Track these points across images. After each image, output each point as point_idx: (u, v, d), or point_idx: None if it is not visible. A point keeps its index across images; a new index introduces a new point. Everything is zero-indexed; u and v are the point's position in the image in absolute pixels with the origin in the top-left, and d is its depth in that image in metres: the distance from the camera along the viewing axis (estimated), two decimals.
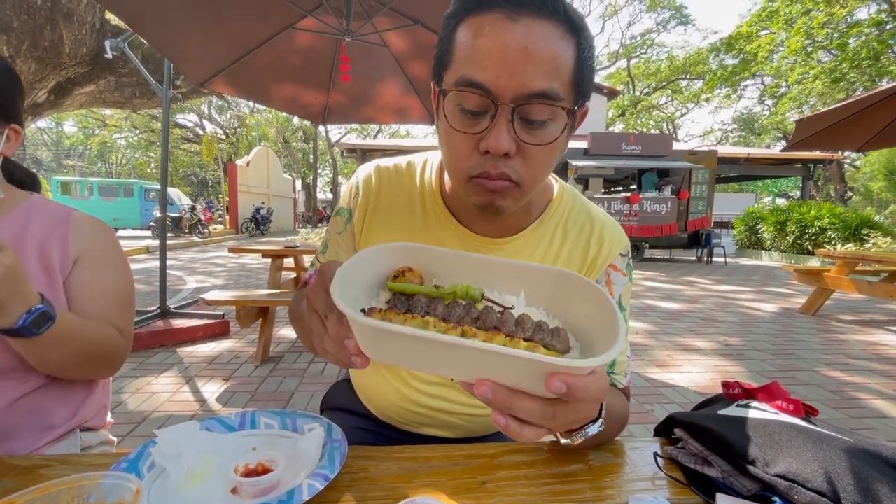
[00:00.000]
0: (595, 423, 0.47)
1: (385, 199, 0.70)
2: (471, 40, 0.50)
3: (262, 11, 2.82)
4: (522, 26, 0.48)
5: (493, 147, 0.49)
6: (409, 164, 0.73)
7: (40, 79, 4.11)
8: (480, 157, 0.52)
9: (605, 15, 29.76)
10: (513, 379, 0.34)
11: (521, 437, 0.36)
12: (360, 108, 3.94)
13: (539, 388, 0.34)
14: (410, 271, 0.44)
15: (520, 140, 0.50)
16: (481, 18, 0.49)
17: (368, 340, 0.38)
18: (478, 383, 0.34)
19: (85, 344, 0.70)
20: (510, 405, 0.34)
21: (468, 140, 0.52)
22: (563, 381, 0.32)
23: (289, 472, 0.51)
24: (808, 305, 5.01)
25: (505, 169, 0.52)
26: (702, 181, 10.60)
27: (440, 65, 0.55)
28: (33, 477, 0.51)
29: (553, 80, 0.49)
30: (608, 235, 0.70)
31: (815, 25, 14.23)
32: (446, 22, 0.54)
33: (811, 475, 0.45)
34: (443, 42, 0.54)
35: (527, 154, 0.52)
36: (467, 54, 0.50)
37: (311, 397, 2.51)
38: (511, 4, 0.48)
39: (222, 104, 26.18)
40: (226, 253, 10.49)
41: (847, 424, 2.31)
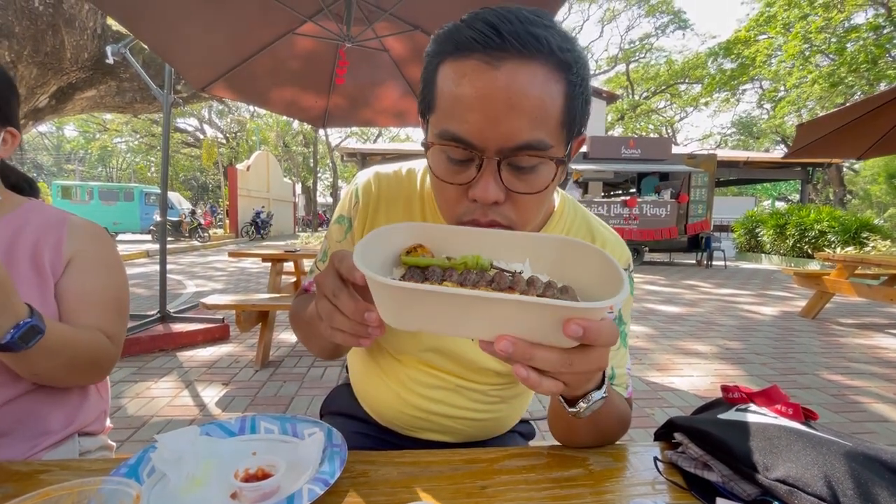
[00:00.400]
0: (599, 389, 0.48)
1: (385, 208, 0.69)
2: (452, 89, 0.48)
3: (262, 17, 2.84)
4: (504, 74, 0.45)
5: (481, 198, 0.49)
6: (409, 171, 0.72)
7: (42, 84, 4.13)
8: (469, 203, 0.51)
9: (603, 19, 29.89)
10: (531, 330, 0.36)
11: (540, 388, 0.38)
12: (360, 111, 3.96)
13: (555, 338, 0.36)
14: (421, 247, 0.46)
15: (508, 189, 0.49)
16: (461, 64, 0.47)
17: (392, 306, 0.38)
18: (498, 338, 0.36)
19: (74, 354, 0.69)
20: (531, 355, 0.36)
21: (456, 188, 0.51)
22: (580, 324, 0.34)
23: (289, 477, 0.51)
24: (808, 309, 5.01)
25: (495, 217, 0.51)
26: (701, 185, 10.63)
27: (424, 103, 0.54)
28: (33, 482, 0.51)
29: (539, 128, 0.47)
30: (609, 250, 0.68)
31: (813, 30, 14.31)
32: (427, 60, 0.53)
33: (811, 479, 0.45)
34: (426, 81, 0.53)
35: (517, 200, 0.51)
36: (449, 105, 0.48)
37: (311, 402, 2.50)
38: (489, 49, 0.45)
39: (223, 109, 26.25)
40: (226, 257, 10.49)
41: (847, 428, 2.31)
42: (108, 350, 0.75)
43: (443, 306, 0.36)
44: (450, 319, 0.37)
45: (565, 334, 0.34)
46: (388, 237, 0.46)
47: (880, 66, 13.06)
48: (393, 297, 0.37)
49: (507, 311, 0.35)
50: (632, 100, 28.80)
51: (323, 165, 32.34)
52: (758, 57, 17.59)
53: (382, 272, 0.43)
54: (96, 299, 0.77)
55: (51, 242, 0.75)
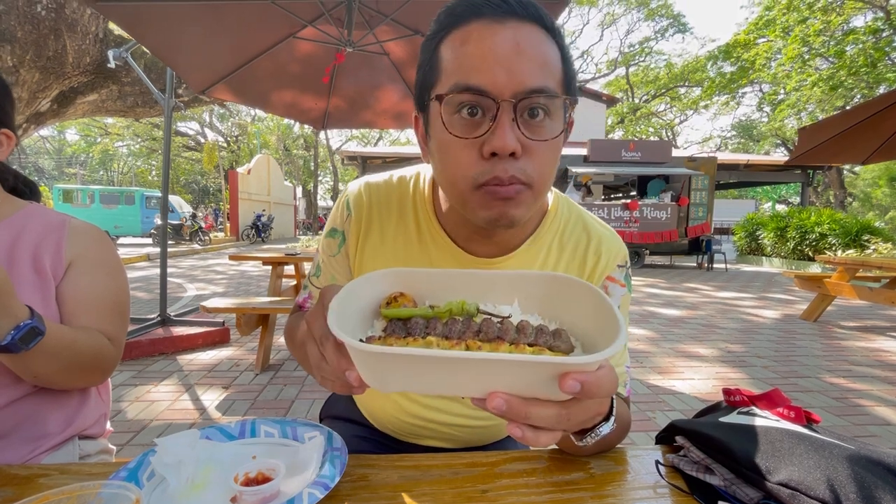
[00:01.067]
0: (607, 421, 0.47)
1: (377, 220, 0.68)
2: (458, 49, 0.49)
3: (263, 21, 2.86)
4: (510, 28, 0.48)
5: (500, 146, 0.47)
6: (399, 179, 0.70)
7: (43, 88, 4.14)
8: (486, 162, 0.49)
9: (603, 23, 30.01)
10: (524, 386, 0.34)
11: (538, 444, 0.36)
12: (360, 113, 3.98)
13: (551, 391, 0.34)
14: (402, 296, 0.44)
15: (525, 137, 0.49)
16: (466, 28, 0.49)
17: (371, 369, 0.36)
18: (490, 396, 0.34)
19: (75, 355, 0.69)
20: (526, 414, 0.34)
21: (470, 147, 0.50)
22: (577, 379, 0.32)
23: (289, 481, 0.51)
24: (809, 312, 5.00)
25: (514, 172, 0.49)
26: (701, 188, 10.63)
27: (425, 87, 0.53)
28: (32, 486, 0.51)
29: (548, 76, 0.49)
30: (605, 248, 0.67)
31: (812, 33, 14.35)
32: (426, 45, 0.53)
33: (814, 483, 0.45)
34: (425, 65, 0.54)
35: (533, 152, 0.50)
36: (457, 64, 0.49)
37: (312, 405, 2.50)
38: (494, 11, 0.48)
39: (224, 112, 26.34)
40: (226, 260, 10.49)
41: (850, 432, 2.29)
42: (108, 352, 0.75)
43: (426, 368, 0.34)
44: (436, 380, 0.35)
45: (562, 391, 0.32)
46: (365, 288, 0.44)
47: (879, 69, 13.09)
48: (372, 361, 0.35)
49: (497, 370, 0.33)
50: (632, 103, 28.86)
51: (323, 169, 32.42)
52: (757, 60, 17.64)
53: (363, 327, 0.42)
54: (97, 302, 0.77)
55: (51, 246, 0.75)
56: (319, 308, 0.43)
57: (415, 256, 0.66)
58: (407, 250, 0.67)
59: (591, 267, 0.67)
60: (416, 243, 0.66)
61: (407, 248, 0.67)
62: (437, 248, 0.65)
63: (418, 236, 0.66)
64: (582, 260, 0.67)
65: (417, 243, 0.66)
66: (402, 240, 0.67)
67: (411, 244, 0.67)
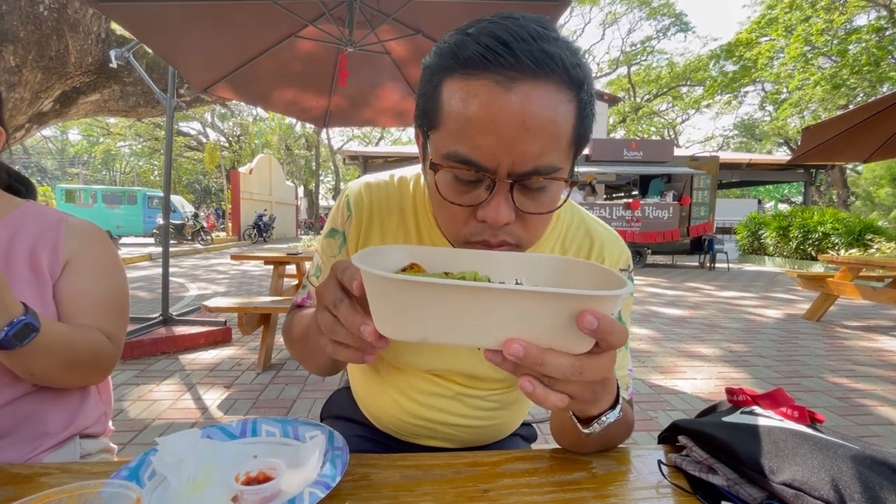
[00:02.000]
0: (613, 409, 0.48)
1: (378, 220, 0.67)
2: (461, 109, 0.46)
3: (265, 21, 2.86)
4: (518, 95, 0.43)
5: (493, 220, 0.47)
6: (400, 179, 0.70)
7: (46, 88, 4.15)
8: (478, 224, 0.50)
9: (605, 22, 29.97)
10: (542, 330, 0.34)
11: (547, 402, 0.37)
12: (361, 111, 3.98)
13: (568, 339, 0.35)
14: (417, 266, 0.45)
15: (519, 210, 0.49)
16: (470, 84, 0.45)
17: (392, 308, 0.36)
18: (508, 342, 0.34)
19: (72, 352, 0.69)
20: (542, 360, 0.34)
21: (464, 209, 0.50)
22: (594, 314, 0.33)
23: (290, 480, 0.51)
24: (812, 311, 4.98)
25: (504, 237, 0.50)
26: (704, 187, 10.61)
27: (426, 119, 0.51)
28: (34, 485, 0.51)
29: (551, 150, 0.46)
30: (608, 253, 0.67)
31: (815, 32, 14.30)
32: (429, 74, 0.50)
33: (818, 483, 0.45)
34: (426, 95, 0.50)
35: (527, 220, 0.50)
36: (458, 126, 0.46)
37: (313, 405, 2.50)
38: (503, 69, 0.43)
39: (225, 112, 26.39)
40: (228, 260, 10.51)
41: (853, 431, 2.29)
42: (107, 350, 0.75)
43: (447, 304, 0.34)
44: (454, 321, 0.35)
45: (579, 326, 0.33)
46: (382, 255, 0.44)
47: (882, 67, 13.04)
48: (392, 294, 0.35)
49: (519, 306, 0.33)
50: (633, 102, 28.82)
51: (325, 168, 32.46)
52: (759, 59, 17.59)
53: None
54: (95, 300, 0.77)
55: (48, 244, 0.75)
56: (331, 277, 0.43)
57: None
58: None
59: None
60: (415, 244, 0.67)
61: None
62: None
63: (418, 239, 0.66)
64: None
65: (417, 244, 0.67)
66: (402, 241, 0.67)
67: (410, 243, 0.67)
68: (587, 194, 10.81)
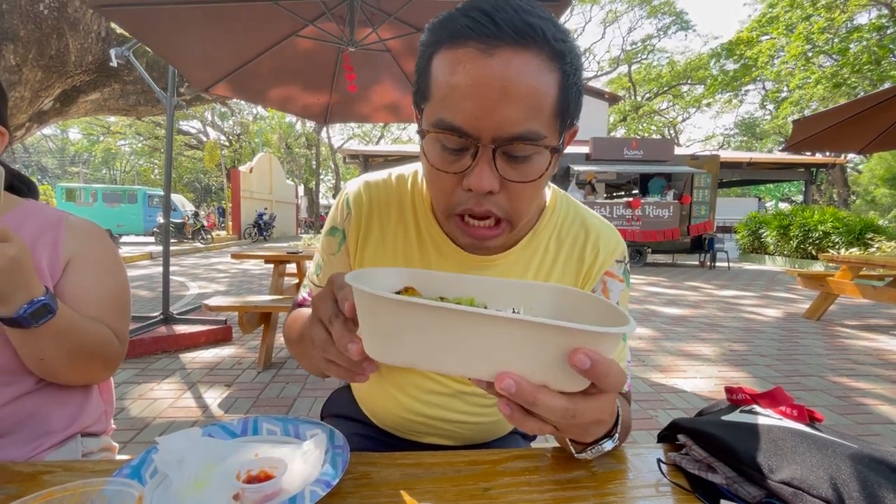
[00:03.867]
0: (610, 437, 0.47)
1: (377, 218, 0.68)
2: (446, 77, 0.47)
3: (264, 20, 2.85)
4: (499, 61, 0.45)
5: (476, 186, 0.48)
6: (399, 177, 0.70)
7: (46, 87, 4.15)
8: (464, 193, 0.51)
9: (605, 21, 29.90)
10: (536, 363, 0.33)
11: (524, 427, 0.36)
12: (362, 107, 3.99)
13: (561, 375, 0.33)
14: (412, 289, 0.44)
15: (503, 178, 0.49)
16: (455, 53, 0.46)
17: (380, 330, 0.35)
18: (500, 376, 0.32)
19: (82, 341, 0.69)
20: (534, 399, 0.33)
21: (451, 177, 0.50)
22: (588, 355, 0.31)
23: (291, 479, 0.51)
24: (812, 310, 4.98)
25: (489, 206, 0.51)
26: (704, 186, 10.60)
27: (419, 94, 0.53)
28: (36, 483, 0.51)
29: (533, 117, 0.47)
30: (604, 243, 0.68)
31: (815, 31, 14.28)
32: (422, 50, 0.52)
33: (816, 482, 0.45)
34: (420, 71, 0.52)
35: (511, 190, 0.50)
36: (443, 94, 0.48)
37: (314, 403, 2.51)
38: (485, 37, 0.45)
39: (225, 111, 26.36)
40: (228, 259, 10.51)
41: (853, 430, 2.29)
42: (114, 345, 0.75)
43: (441, 328, 0.33)
44: (446, 347, 0.33)
45: (571, 363, 0.31)
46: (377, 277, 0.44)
47: (883, 66, 13.02)
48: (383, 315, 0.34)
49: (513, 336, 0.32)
50: (634, 101, 28.78)
51: (325, 167, 32.43)
52: (760, 58, 17.56)
53: None
54: (98, 299, 0.77)
55: (48, 243, 0.74)
56: (328, 290, 0.43)
57: (414, 256, 0.67)
58: (407, 250, 0.67)
59: (590, 262, 0.67)
60: (415, 242, 0.67)
61: (406, 248, 0.67)
62: (436, 247, 0.66)
63: (417, 235, 0.67)
64: (580, 256, 0.67)
65: (417, 242, 0.67)
66: (401, 239, 0.67)
67: (411, 243, 0.67)
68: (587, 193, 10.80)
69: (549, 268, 0.67)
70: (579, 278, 0.68)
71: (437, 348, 0.34)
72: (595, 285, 0.68)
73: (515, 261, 0.66)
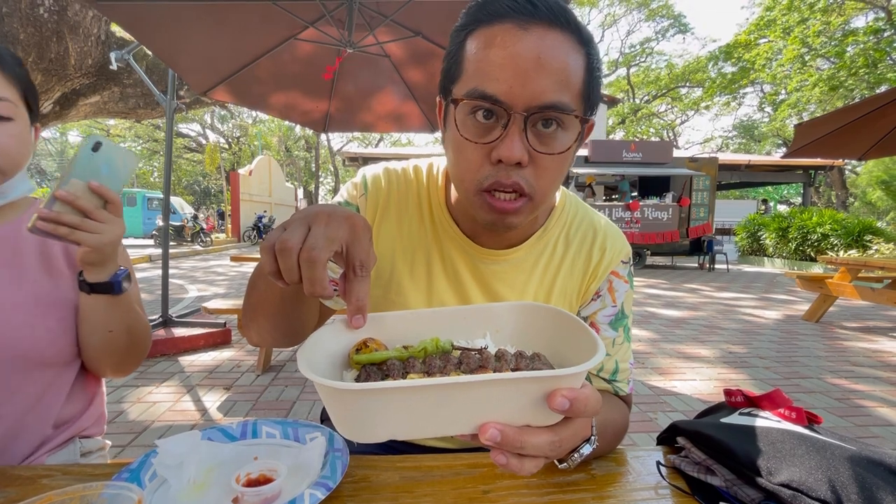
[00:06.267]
0: (588, 441, 0.48)
1: (395, 203, 0.69)
2: (481, 51, 0.49)
3: (264, 22, 2.86)
4: (534, 36, 0.48)
5: (506, 156, 0.49)
6: (416, 168, 0.72)
7: (46, 90, 4.15)
8: (492, 167, 0.51)
9: (604, 24, 30.01)
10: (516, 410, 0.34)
11: (522, 472, 0.36)
12: (361, 115, 3.98)
13: (540, 415, 0.34)
14: (372, 341, 0.43)
15: (532, 149, 0.50)
16: (491, 29, 0.49)
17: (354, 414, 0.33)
18: (482, 428, 0.33)
19: (137, 319, 0.77)
20: (521, 443, 0.34)
21: (479, 150, 0.51)
22: (565, 396, 0.33)
23: (290, 482, 0.51)
24: (811, 312, 4.98)
25: (517, 179, 0.51)
26: (703, 188, 10.62)
27: (449, 78, 0.55)
28: (36, 487, 0.51)
29: (564, 90, 0.49)
30: (610, 244, 0.69)
31: (812, 34, 14.34)
32: (455, 35, 0.54)
33: (815, 484, 0.45)
34: (451, 55, 0.54)
35: (539, 164, 0.51)
36: (478, 66, 0.49)
37: (313, 406, 2.50)
38: (522, 15, 0.48)
39: (225, 114, 26.40)
40: (227, 261, 10.50)
41: (852, 432, 2.29)
42: (150, 333, 0.81)
43: (417, 403, 0.32)
44: (425, 417, 0.33)
45: (551, 407, 0.32)
46: (330, 336, 0.42)
47: (880, 69, 13.07)
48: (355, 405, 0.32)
49: (490, 393, 0.32)
50: (633, 104, 28.86)
51: (324, 170, 32.45)
52: (758, 60, 17.63)
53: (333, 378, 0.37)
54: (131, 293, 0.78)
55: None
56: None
57: (426, 245, 0.68)
58: (421, 239, 0.68)
59: (597, 261, 0.69)
60: (429, 232, 0.68)
61: (421, 237, 0.68)
62: (448, 238, 0.67)
63: (432, 226, 0.68)
64: (588, 255, 0.69)
65: (431, 232, 0.68)
66: (416, 227, 0.68)
67: (424, 233, 0.68)
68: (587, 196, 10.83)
69: (557, 265, 0.68)
70: (586, 277, 0.69)
71: (415, 420, 0.34)
72: (601, 284, 0.69)
73: (524, 257, 0.67)
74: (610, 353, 0.68)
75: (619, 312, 0.69)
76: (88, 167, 0.62)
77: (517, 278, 0.67)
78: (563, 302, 0.68)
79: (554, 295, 0.67)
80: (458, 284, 0.67)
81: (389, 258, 0.67)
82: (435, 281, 0.67)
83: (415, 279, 0.67)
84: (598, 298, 0.69)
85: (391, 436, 0.34)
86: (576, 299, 0.69)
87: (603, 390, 0.68)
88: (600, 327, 0.69)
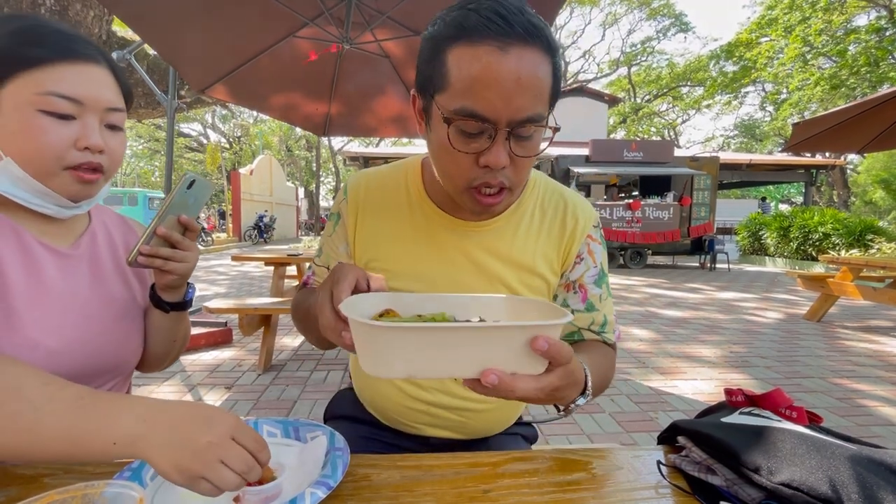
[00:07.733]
0: (583, 394, 0.56)
1: (374, 197, 0.77)
2: (467, 70, 0.55)
3: (263, 19, 2.86)
4: (513, 57, 0.53)
5: (493, 163, 0.58)
6: (392, 166, 0.81)
7: None
8: (479, 170, 0.60)
9: (605, 23, 29.96)
10: (511, 356, 0.42)
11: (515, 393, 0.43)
12: (362, 119, 3.97)
13: (527, 360, 0.43)
14: (391, 311, 0.51)
15: (513, 154, 0.59)
16: (474, 49, 0.54)
17: (379, 349, 0.41)
18: (485, 373, 0.41)
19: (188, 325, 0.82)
20: (513, 387, 0.42)
21: (468, 157, 0.59)
22: (546, 339, 0.41)
23: (291, 481, 0.52)
24: (812, 312, 4.98)
25: (501, 179, 0.60)
26: (704, 187, 10.60)
27: (431, 84, 0.59)
28: (37, 485, 0.51)
29: (538, 102, 0.56)
30: (581, 211, 0.78)
31: (813, 33, 14.30)
32: (432, 43, 0.58)
33: (816, 483, 0.45)
34: (431, 62, 0.59)
35: (517, 164, 0.61)
36: (465, 85, 0.55)
37: (314, 405, 2.50)
38: (499, 35, 0.53)
39: (226, 114, 26.42)
40: (228, 261, 10.51)
41: (853, 432, 2.29)
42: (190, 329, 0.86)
43: (429, 343, 0.40)
44: (435, 357, 0.41)
45: (533, 347, 0.41)
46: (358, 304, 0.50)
47: (882, 68, 13.04)
48: (380, 339, 0.40)
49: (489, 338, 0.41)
50: (634, 103, 28.81)
51: (325, 170, 32.44)
52: (759, 59, 17.59)
53: None
54: None
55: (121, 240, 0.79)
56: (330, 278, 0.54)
57: (408, 226, 0.75)
58: (401, 219, 0.75)
59: (572, 228, 0.77)
60: (407, 214, 0.75)
61: (400, 218, 0.75)
62: (427, 217, 0.75)
63: (409, 209, 0.76)
64: (562, 222, 0.77)
65: (409, 214, 0.75)
66: (394, 211, 0.76)
67: (404, 215, 0.75)
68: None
69: (536, 232, 0.76)
70: (563, 241, 0.77)
71: (430, 359, 0.41)
72: (581, 248, 0.78)
73: (504, 226, 0.75)
74: (598, 308, 0.78)
75: (600, 271, 0.79)
76: (181, 202, 0.68)
77: (500, 245, 0.74)
78: (544, 264, 0.76)
79: (537, 258, 0.75)
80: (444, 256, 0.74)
81: (374, 244, 0.76)
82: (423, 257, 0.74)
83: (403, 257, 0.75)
84: (581, 262, 0.78)
85: (406, 373, 0.41)
86: (557, 261, 0.77)
87: (594, 341, 0.78)
88: (588, 287, 0.78)
